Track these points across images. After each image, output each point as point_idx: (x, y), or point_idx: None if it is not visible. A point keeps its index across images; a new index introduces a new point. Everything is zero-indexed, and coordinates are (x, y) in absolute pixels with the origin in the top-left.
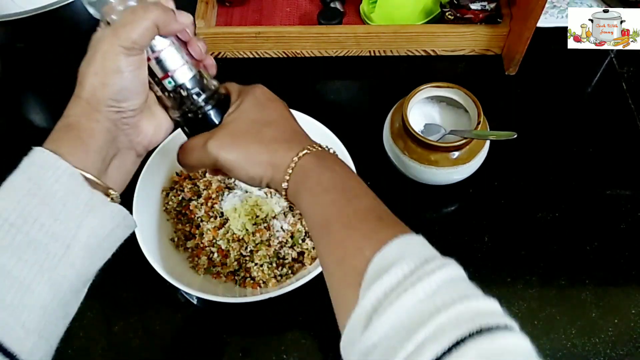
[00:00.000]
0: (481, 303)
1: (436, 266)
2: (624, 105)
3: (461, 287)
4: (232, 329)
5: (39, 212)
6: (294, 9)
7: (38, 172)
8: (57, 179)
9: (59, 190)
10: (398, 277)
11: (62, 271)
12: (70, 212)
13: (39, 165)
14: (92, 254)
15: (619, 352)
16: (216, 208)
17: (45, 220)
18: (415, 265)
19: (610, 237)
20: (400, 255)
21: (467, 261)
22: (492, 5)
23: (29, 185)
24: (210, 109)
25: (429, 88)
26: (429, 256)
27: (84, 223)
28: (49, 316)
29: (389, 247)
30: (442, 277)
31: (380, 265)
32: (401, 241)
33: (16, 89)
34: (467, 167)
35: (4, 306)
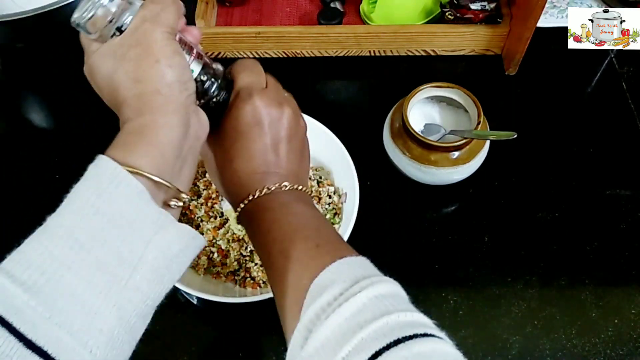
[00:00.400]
0: (403, 316)
1: (365, 285)
2: (624, 105)
3: (385, 304)
4: (232, 329)
5: (107, 232)
6: (294, 9)
7: (107, 188)
8: (126, 195)
9: (127, 209)
10: (328, 299)
11: (128, 295)
12: (139, 233)
13: (107, 180)
14: (160, 277)
15: (619, 352)
16: (216, 208)
17: (113, 242)
18: (344, 286)
19: (610, 237)
20: (333, 279)
21: (467, 261)
22: (492, 5)
23: (98, 203)
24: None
25: (429, 88)
26: (360, 277)
27: (150, 245)
28: (115, 341)
29: (324, 273)
30: (368, 295)
31: (316, 290)
32: (336, 265)
33: (16, 89)
34: (467, 167)
35: (72, 331)
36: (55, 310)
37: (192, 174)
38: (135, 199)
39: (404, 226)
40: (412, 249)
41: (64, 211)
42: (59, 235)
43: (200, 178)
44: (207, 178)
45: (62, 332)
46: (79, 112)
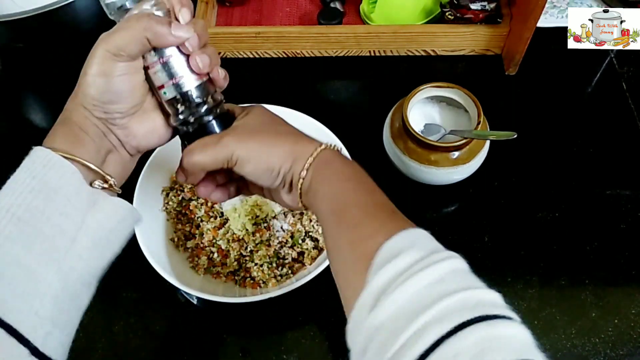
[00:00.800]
0: (485, 294)
1: (443, 257)
2: (624, 105)
3: (466, 278)
4: (232, 329)
5: (45, 207)
6: (294, 9)
7: (42, 170)
8: (60, 176)
9: (62, 186)
10: (406, 263)
11: (69, 262)
12: (75, 207)
13: (42, 164)
14: (100, 247)
15: (619, 352)
16: (216, 208)
17: (51, 215)
18: (423, 254)
19: (610, 237)
20: (409, 245)
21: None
22: (492, 5)
23: (34, 183)
24: (212, 120)
25: (429, 88)
26: (436, 248)
27: (88, 216)
28: (61, 305)
29: (399, 236)
30: (448, 267)
31: (390, 251)
32: (411, 233)
33: (16, 89)
34: (467, 167)
35: (17, 294)
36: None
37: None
38: (70, 178)
39: None
40: None
41: (2, 194)
42: None
43: None
44: None
45: (8, 295)
46: None
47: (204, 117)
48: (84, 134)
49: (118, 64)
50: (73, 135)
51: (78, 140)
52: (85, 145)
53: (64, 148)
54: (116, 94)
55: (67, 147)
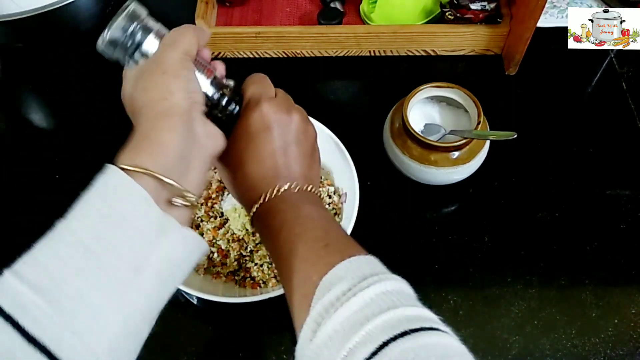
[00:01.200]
0: (409, 311)
1: (372, 281)
2: (624, 105)
3: (392, 299)
4: (232, 329)
5: (113, 236)
6: (294, 9)
7: (112, 195)
8: (130, 202)
9: (131, 214)
10: (337, 295)
11: (132, 297)
12: (142, 238)
13: (114, 187)
14: (163, 280)
15: (619, 352)
16: (216, 208)
17: (118, 246)
18: (353, 282)
19: (610, 237)
20: (342, 276)
21: (467, 261)
22: (492, 5)
23: (104, 209)
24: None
25: (429, 88)
26: (368, 274)
27: (155, 248)
28: (119, 344)
29: (332, 271)
30: (376, 291)
31: (325, 286)
32: (345, 264)
33: (16, 89)
34: (467, 167)
35: (75, 331)
36: (60, 310)
37: (201, 180)
38: (139, 203)
39: (404, 226)
40: (412, 249)
41: (72, 217)
42: (67, 240)
43: None
44: (207, 178)
45: (66, 332)
46: (79, 112)
47: (228, 108)
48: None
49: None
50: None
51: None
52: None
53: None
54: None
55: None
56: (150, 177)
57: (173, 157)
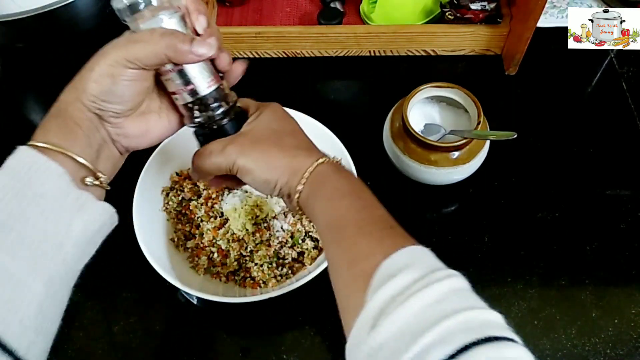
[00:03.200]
0: (488, 314)
1: (443, 275)
2: (624, 105)
3: (467, 297)
4: (232, 329)
5: (30, 212)
6: (294, 9)
7: (27, 173)
8: (46, 178)
9: (48, 190)
10: (406, 282)
11: (55, 268)
12: (60, 211)
13: (27, 166)
14: (82, 250)
15: (619, 352)
16: (216, 208)
17: (37, 220)
18: (423, 272)
19: (610, 237)
20: (409, 263)
21: (467, 261)
22: (492, 5)
23: (19, 186)
24: (227, 122)
25: (429, 88)
26: (436, 266)
27: (74, 221)
28: (44, 312)
29: (398, 254)
30: (450, 286)
31: (389, 270)
32: (411, 250)
33: (16, 89)
34: (467, 167)
35: (2, 302)
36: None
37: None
38: (56, 181)
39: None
40: None
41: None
42: None
43: None
44: None
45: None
46: None
47: (219, 120)
48: (78, 128)
49: (129, 70)
50: (67, 128)
51: (71, 134)
52: (78, 139)
53: (57, 141)
54: (118, 96)
55: (60, 141)
56: (62, 155)
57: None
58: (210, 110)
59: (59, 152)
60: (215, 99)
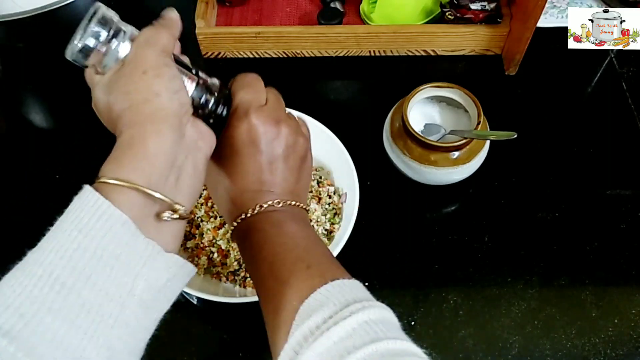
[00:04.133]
0: (393, 344)
1: (355, 309)
2: (624, 105)
3: (376, 330)
4: (232, 329)
5: (90, 270)
6: (294, 9)
7: (88, 222)
8: (109, 229)
9: (110, 242)
10: (317, 322)
11: (116, 333)
12: (123, 269)
13: (90, 212)
14: (148, 309)
15: (619, 352)
16: (216, 208)
17: (98, 279)
18: (335, 309)
19: (610, 237)
20: (323, 302)
21: (467, 261)
22: (492, 5)
23: (80, 238)
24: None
25: (429, 88)
26: (350, 300)
27: (138, 278)
28: None
29: (314, 295)
30: (359, 320)
31: (305, 312)
32: (327, 288)
33: (16, 89)
34: (467, 167)
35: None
36: (35, 356)
37: (196, 186)
38: (120, 231)
39: (403, 226)
40: (412, 249)
41: (44, 248)
42: (39, 275)
43: None
44: None
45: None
46: (79, 112)
47: (215, 111)
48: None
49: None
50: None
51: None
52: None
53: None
54: None
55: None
56: (135, 191)
57: (162, 166)
58: (201, 109)
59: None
60: (200, 97)
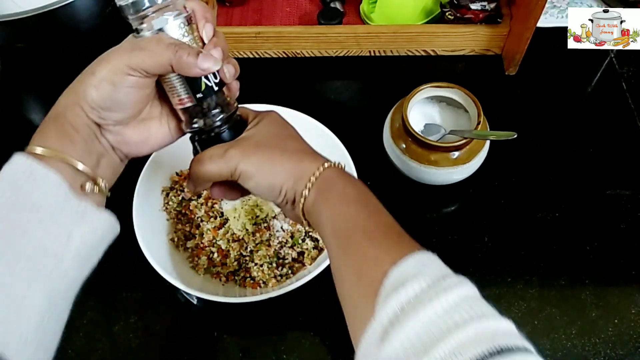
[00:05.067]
0: (499, 323)
1: (453, 283)
2: (624, 105)
3: (479, 306)
4: (232, 329)
5: (27, 224)
6: (294, 9)
7: (24, 183)
8: (44, 189)
9: (46, 200)
10: (415, 291)
11: (55, 282)
12: (60, 223)
13: (24, 175)
14: (83, 263)
15: (619, 352)
16: (216, 208)
17: (35, 233)
18: (432, 280)
19: (610, 237)
20: (417, 271)
21: (467, 261)
22: (492, 5)
23: (16, 197)
24: (225, 129)
25: (429, 88)
26: (445, 273)
27: (74, 233)
28: (45, 327)
29: (406, 262)
30: (460, 294)
31: (398, 279)
32: (419, 257)
33: (16, 89)
34: (467, 167)
35: (2, 318)
36: None
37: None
38: (53, 190)
39: (403, 226)
40: None
41: None
42: None
43: None
44: None
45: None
46: None
47: (217, 127)
48: (76, 133)
49: (131, 78)
50: (65, 133)
51: (70, 139)
52: (77, 144)
53: (55, 146)
54: (118, 103)
55: (59, 145)
56: (62, 162)
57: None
58: (210, 117)
59: (57, 158)
60: (215, 106)
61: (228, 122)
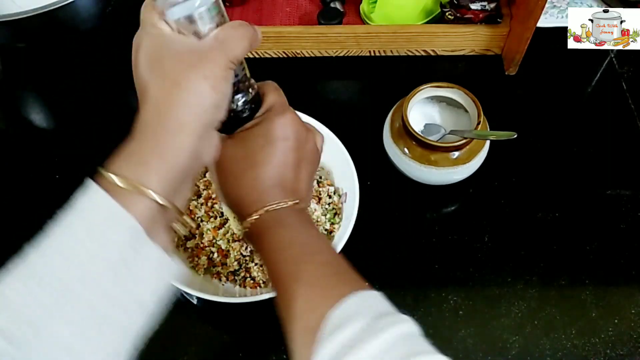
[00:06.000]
0: (434, 358)
1: (390, 322)
2: (624, 105)
3: (414, 344)
4: (232, 329)
5: (99, 277)
6: (294, 9)
7: (100, 227)
8: (119, 235)
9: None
10: (351, 333)
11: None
12: (132, 276)
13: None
14: (149, 314)
15: (619, 352)
16: (216, 208)
17: (106, 286)
18: (369, 321)
19: (610, 237)
20: (354, 312)
21: (467, 261)
22: (492, 5)
23: (89, 243)
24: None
25: (429, 88)
26: (383, 312)
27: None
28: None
29: (343, 304)
30: (395, 333)
31: (335, 322)
32: (357, 297)
33: (16, 89)
34: (467, 167)
35: None
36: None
37: (189, 194)
38: (130, 238)
39: (404, 226)
40: (412, 249)
41: (52, 250)
42: (47, 282)
43: (200, 178)
44: (208, 178)
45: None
46: (79, 112)
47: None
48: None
49: (231, 71)
50: (163, 161)
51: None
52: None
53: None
54: (226, 100)
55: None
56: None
57: (178, 177)
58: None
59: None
60: (238, 90)
61: (249, 104)
